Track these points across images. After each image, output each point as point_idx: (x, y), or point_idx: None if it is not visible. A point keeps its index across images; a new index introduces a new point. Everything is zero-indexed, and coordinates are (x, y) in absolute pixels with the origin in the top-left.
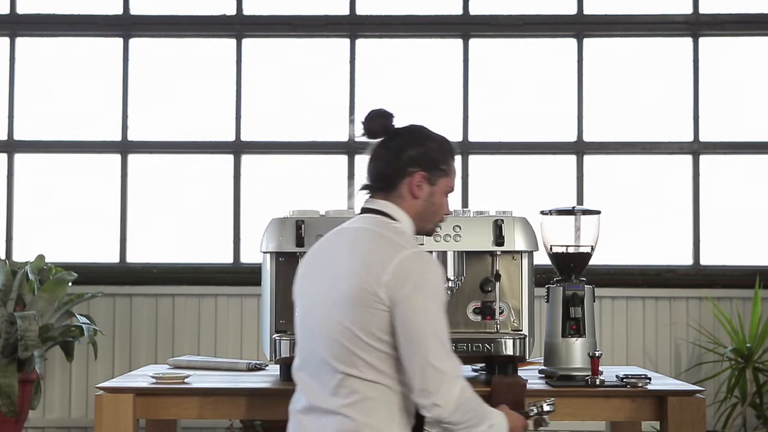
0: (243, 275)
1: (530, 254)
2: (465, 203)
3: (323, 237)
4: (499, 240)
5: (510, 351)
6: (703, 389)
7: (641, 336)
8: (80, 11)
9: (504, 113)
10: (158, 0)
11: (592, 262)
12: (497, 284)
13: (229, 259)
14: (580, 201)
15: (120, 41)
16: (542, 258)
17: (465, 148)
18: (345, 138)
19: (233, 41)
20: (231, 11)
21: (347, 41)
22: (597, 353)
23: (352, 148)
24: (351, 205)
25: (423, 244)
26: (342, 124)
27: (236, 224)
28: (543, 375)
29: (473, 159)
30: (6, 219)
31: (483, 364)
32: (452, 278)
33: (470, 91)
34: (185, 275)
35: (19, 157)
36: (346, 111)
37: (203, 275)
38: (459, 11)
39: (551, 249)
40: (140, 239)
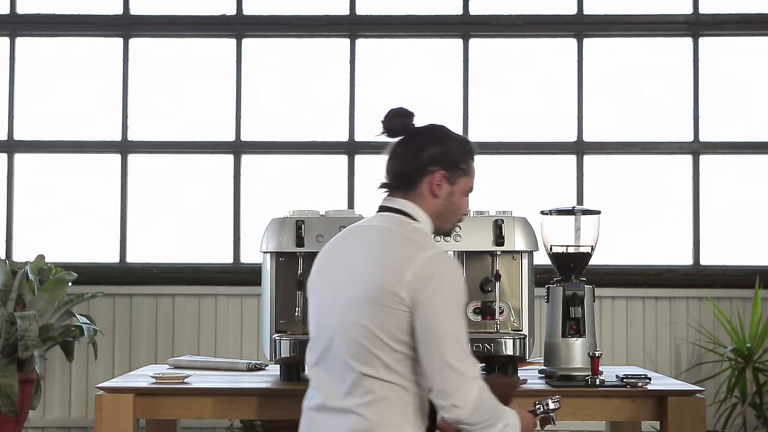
0: (243, 275)
1: (530, 254)
2: None
3: (339, 234)
4: (499, 240)
5: (510, 351)
6: (703, 389)
7: (641, 336)
8: (80, 11)
9: (504, 113)
10: (158, 0)
11: (592, 262)
12: (497, 284)
13: (229, 259)
14: (580, 201)
15: (120, 41)
16: (542, 258)
17: None
18: (345, 138)
19: (233, 41)
20: (231, 11)
21: (347, 41)
22: (597, 353)
23: (352, 148)
24: (351, 205)
25: (440, 241)
26: (342, 124)
27: (236, 224)
28: (543, 375)
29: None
30: (6, 219)
31: (483, 365)
32: None
33: (470, 91)
34: (185, 275)
35: (19, 157)
36: (347, 111)
37: (203, 275)
38: (459, 11)
39: (551, 249)
40: (140, 239)
